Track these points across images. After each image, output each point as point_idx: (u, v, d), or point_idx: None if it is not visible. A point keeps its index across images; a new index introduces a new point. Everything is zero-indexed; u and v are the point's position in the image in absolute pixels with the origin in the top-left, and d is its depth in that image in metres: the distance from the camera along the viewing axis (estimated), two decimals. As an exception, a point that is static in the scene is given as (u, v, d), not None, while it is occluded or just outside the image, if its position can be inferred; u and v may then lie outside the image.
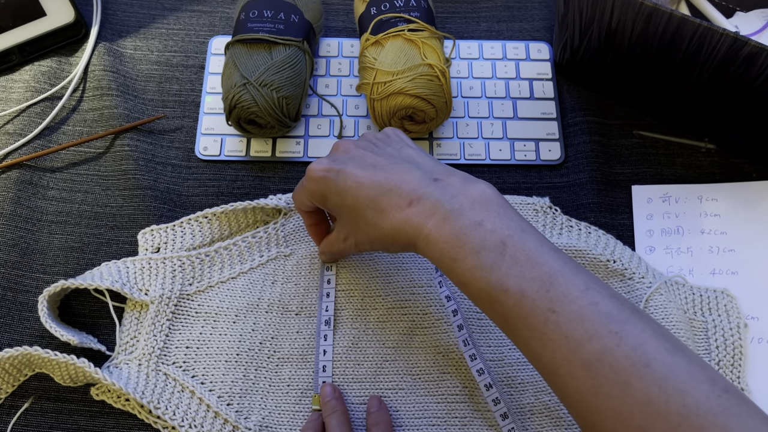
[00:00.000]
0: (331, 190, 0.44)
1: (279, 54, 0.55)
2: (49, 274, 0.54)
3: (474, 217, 0.39)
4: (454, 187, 0.41)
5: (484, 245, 0.38)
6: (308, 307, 0.52)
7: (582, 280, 0.37)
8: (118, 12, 0.66)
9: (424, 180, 0.41)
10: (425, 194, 0.41)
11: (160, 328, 0.50)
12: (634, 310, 0.36)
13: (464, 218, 0.39)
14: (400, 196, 0.41)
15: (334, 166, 0.44)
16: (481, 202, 0.40)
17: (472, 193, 0.40)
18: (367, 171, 0.43)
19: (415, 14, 0.56)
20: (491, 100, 0.61)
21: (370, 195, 0.42)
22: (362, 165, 0.44)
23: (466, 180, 0.42)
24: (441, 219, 0.39)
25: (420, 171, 0.42)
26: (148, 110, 0.61)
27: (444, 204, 0.40)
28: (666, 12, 0.48)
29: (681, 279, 0.53)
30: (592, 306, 0.35)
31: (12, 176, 0.57)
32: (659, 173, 0.58)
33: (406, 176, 0.42)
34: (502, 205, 0.40)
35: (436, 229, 0.39)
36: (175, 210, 0.56)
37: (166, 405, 0.47)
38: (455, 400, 0.49)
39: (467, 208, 0.39)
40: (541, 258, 0.37)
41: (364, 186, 0.42)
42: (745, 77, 0.49)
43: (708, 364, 0.34)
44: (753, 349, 0.51)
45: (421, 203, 0.40)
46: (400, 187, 0.41)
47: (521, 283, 0.37)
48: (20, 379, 0.50)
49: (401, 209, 0.41)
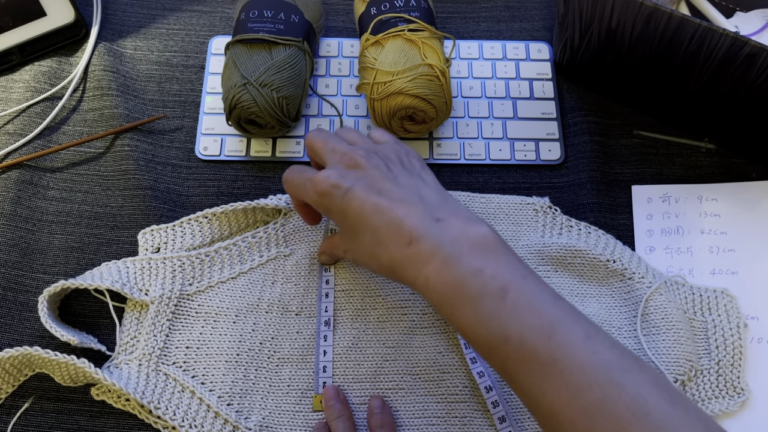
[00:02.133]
0: (335, 208, 0.44)
1: (279, 54, 0.55)
2: (49, 274, 0.54)
3: (474, 263, 0.39)
4: (456, 229, 0.40)
5: (484, 292, 0.38)
6: (308, 307, 0.52)
7: (583, 328, 0.37)
8: (118, 12, 0.66)
9: (426, 219, 0.41)
10: (426, 235, 0.40)
11: (160, 328, 0.50)
12: (635, 360, 0.36)
13: (464, 264, 0.39)
14: (401, 233, 0.41)
15: (342, 184, 0.43)
16: (482, 246, 0.40)
17: (472, 237, 0.40)
18: (372, 197, 0.42)
19: (415, 14, 0.56)
20: (491, 100, 0.61)
21: (372, 224, 0.42)
22: (369, 189, 0.43)
23: (468, 221, 0.41)
24: (440, 264, 0.39)
25: (424, 207, 0.42)
26: (148, 110, 0.61)
27: (444, 248, 0.39)
28: (666, 12, 0.48)
29: (681, 279, 0.53)
30: (593, 355, 0.36)
31: (12, 176, 0.57)
32: (659, 173, 0.58)
33: (409, 211, 0.41)
34: (503, 249, 0.40)
35: (435, 274, 0.39)
36: (175, 210, 0.56)
37: (167, 405, 0.47)
38: (455, 399, 0.49)
39: (467, 253, 0.39)
40: (542, 305, 0.37)
41: (367, 213, 0.42)
42: (745, 77, 0.49)
43: (705, 414, 0.35)
44: (753, 349, 0.51)
45: (421, 244, 0.40)
46: (402, 222, 0.41)
47: (522, 330, 0.37)
48: (20, 379, 0.50)
49: (401, 247, 0.40)
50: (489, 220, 0.55)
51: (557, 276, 0.53)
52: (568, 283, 0.53)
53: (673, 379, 0.49)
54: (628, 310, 0.52)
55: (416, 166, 0.46)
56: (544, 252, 0.54)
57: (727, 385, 0.49)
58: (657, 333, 0.50)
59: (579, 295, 0.53)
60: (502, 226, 0.55)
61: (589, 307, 0.52)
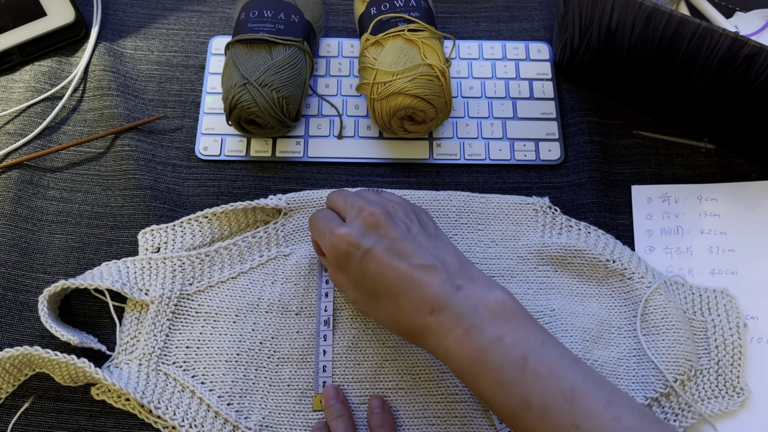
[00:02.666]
0: (353, 267, 0.44)
1: (279, 54, 0.55)
2: (50, 274, 0.54)
3: (495, 332, 0.39)
4: (476, 297, 0.41)
5: (506, 361, 0.38)
6: (308, 307, 0.52)
7: (604, 393, 0.37)
8: (119, 12, 0.66)
9: (447, 287, 0.41)
10: (447, 305, 0.40)
11: (161, 327, 0.50)
12: (655, 422, 0.37)
13: (485, 334, 0.39)
14: (423, 301, 0.41)
15: (362, 243, 0.43)
16: (502, 314, 0.40)
17: (491, 304, 0.40)
18: (393, 260, 0.42)
19: (415, 14, 0.56)
20: (491, 100, 0.61)
21: (392, 288, 0.42)
22: (390, 251, 0.43)
23: (486, 287, 0.42)
24: (462, 334, 0.40)
25: (445, 274, 0.42)
26: (148, 110, 0.61)
27: (465, 318, 0.40)
28: (666, 12, 0.48)
29: (680, 279, 0.53)
30: (614, 421, 0.36)
31: (12, 176, 0.57)
32: (659, 173, 0.58)
33: (431, 278, 0.41)
34: (522, 315, 0.41)
35: (456, 344, 0.40)
36: (175, 210, 0.56)
37: (167, 405, 0.47)
38: (455, 399, 0.49)
39: (488, 322, 0.40)
40: (562, 371, 0.38)
41: (388, 276, 0.42)
42: (744, 77, 0.49)
43: None
44: (752, 348, 0.51)
45: (443, 314, 0.40)
46: (423, 289, 0.41)
47: (544, 398, 0.37)
48: (21, 379, 0.50)
49: (422, 315, 0.41)
50: (489, 220, 0.55)
51: (557, 276, 0.53)
52: (568, 283, 0.53)
53: (673, 378, 0.49)
54: (628, 310, 0.52)
55: (431, 226, 0.47)
56: (544, 252, 0.54)
57: (727, 384, 0.49)
58: (657, 333, 0.50)
59: (579, 295, 0.53)
60: (502, 226, 0.55)
61: (588, 307, 0.52)
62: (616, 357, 0.50)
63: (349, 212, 0.46)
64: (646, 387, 0.49)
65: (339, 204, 0.48)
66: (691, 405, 0.48)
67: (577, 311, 0.52)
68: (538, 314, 0.52)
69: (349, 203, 0.46)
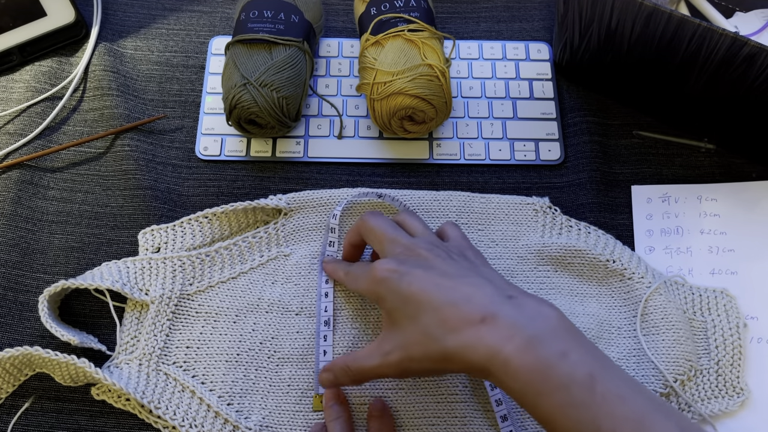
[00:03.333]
0: (392, 292, 0.41)
1: (279, 54, 0.55)
2: (50, 274, 0.54)
3: (558, 346, 0.36)
4: (531, 308, 0.38)
5: (573, 379, 0.35)
6: (308, 307, 0.52)
7: (674, 420, 0.35)
8: (119, 12, 0.66)
9: (497, 296, 0.38)
10: (501, 312, 0.37)
11: (161, 328, 0.50)
12: None
13: (549, 346, 0.36)
14: (471, 310, 0.37)
15: (401, 268, 0.41)
16: (562, 328, 0.37)
17: (549, 317, 0.37)
18: (434, 278, 0.40)
19: (415, 14, 0.56)
20: (491, 100, 0.61)
21: (435, 303, 0.39)
22: (430, 271, 0.40)
23: (540, 301, 0.39)
24: (523, 344, 0.36)
25: (493, 286, 0.39)
26: (148, 110, 0.61)
27: (524, 327, 0.36)
28: (666, 12, 0.48)
29: (680, 279, 0.53)
30: None
31: (12, 176, 0.57)
32: (659, 173, 0.58)
33: (477, 290, 0.39)
34: (580, 332, 0.38)
35: (518, 356, 0.36)
36: (176, 210, 0.56)
37: (167, 405, 0.47)
38: (455, 399, 0.49)
39: (549, 334, 0.36)
40: (630, 395, 0.35)
41: (429, 293, 0.39)
42: (744, 77, 0.49)
43: None
44: (752, 348, 0.51)
45: (496, 322, 0.37)
46: (470, 300, 0.38)
47: (614, 423, 0.34)
48: (21, 379, 0.50)
49: (472, 325, 0.37)
50: (489, 220, 0.55)
51: (557, 276, 0.53)
52: (568, 283, 0.53)
53: (672, 378, 0.49)
54: (628, 310, 0.52)
55: (478, 259, 0.44)
56: (544, 252, 0.54)
57: (727, 384, 0.49)
58: (657, 333, 0.50)
59: (579, 295, 0.53)
60: (502, 226, 0.55)
61: (588, 307, 0.52)
62: (616, 357, 0.50)
63: (390, 247, 0.44)
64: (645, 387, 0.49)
65: (379, 235, 0.46)
66: (691, 405, 0.48)
67: (577, 311, 0.52)
68: (538, 314, 0.52)
69: (390, 237, 0.45)
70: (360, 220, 0.48)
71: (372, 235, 0.46)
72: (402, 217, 0.48)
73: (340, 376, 0.44)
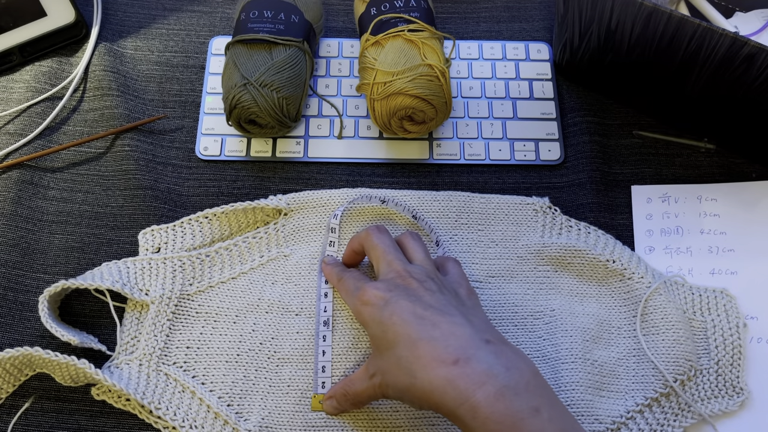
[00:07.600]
0: (374, 319, 0.41)
1: (279, 54, 0.55)
2: (50, 274, 0.54)
3: (531, 401, 0.35)
4: (508, 357, 0.37)
5: None
6: (308, 307, 0.52)
7: None
8: (119, 12, 0.66)
9: (474, 339, 0.38)
10: (475, 356, 0.36)
11: (161, 328, 0.50)
12: None
13: (521, 400, 0.35)
14: (446, 349, 0.37)
15: (387, 295, 0.41)
16: (536, 384, 0.36)
17: (525, 371, 0.37)
18: (418, 310, 0.40)
19: (415, 14, 0.56)
20: (491, 101, 0.61)
21: (412, 337, 0.38)
22: (416, 303, 0.40)
23: (518, 351, 0.38)
24: (494, 393, 0.35)
25: (472, 328, 0.39)
26: (148, 110, 0.61)
27: (498, 376, 0.36)
28: (665, 12, 0.48)
29: (680, 279, 0.53)
30: None
31: (13, 176, 0.57)
32: (659, 173, 0.58)
33: (457, 329, 0.38)
34: (551, 391, 0.38)
35: (487, 404, 0.35)
36: (176, 210, 0.56)
37: (167, 405, 0.47)
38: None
39: (523, 387, 0.35)
40: None
41: (408, 324, 0.39)
42: (744, 77, 0.49)
43: None
44: (752, 348, 0.51)
45: (469, 365, 0.36)
46: (446, 338, 0.37)
47: None
48: (21, 379, 0.50)
49: (444, 365, 0.36)
50: (489, 221, 0.55)
51: (557, 276, 0.53)
52: (568, 283, 0.53)
53: (672, 378, 0.49)
54: (628, 310, 0.52)
55: (470, 300, 0.44)
56: (544, 252, 0.54)
57: (727, 384, 0.49)
58: (656, 333, 0.50)
59: (579, 295, 0.53)
60: (502, 226, 0.55)
61: (588, 307, 0.52)
62: (615, 357, 0.50)
63: (385, 269, 0.45)
64: (645, 387, 0.49)
65: (378, 253, 0.46)
66: (691, 405, 0.48)
67: (577, 311, 0.52)
68: (538, 314, 0.52)
69: (387, 259, 0.45)
70: (365, 232, 0.48)
71: (373, 252, 0.47)
72: (406, 240, 0.49)
73: (342, 402, 0.45)
